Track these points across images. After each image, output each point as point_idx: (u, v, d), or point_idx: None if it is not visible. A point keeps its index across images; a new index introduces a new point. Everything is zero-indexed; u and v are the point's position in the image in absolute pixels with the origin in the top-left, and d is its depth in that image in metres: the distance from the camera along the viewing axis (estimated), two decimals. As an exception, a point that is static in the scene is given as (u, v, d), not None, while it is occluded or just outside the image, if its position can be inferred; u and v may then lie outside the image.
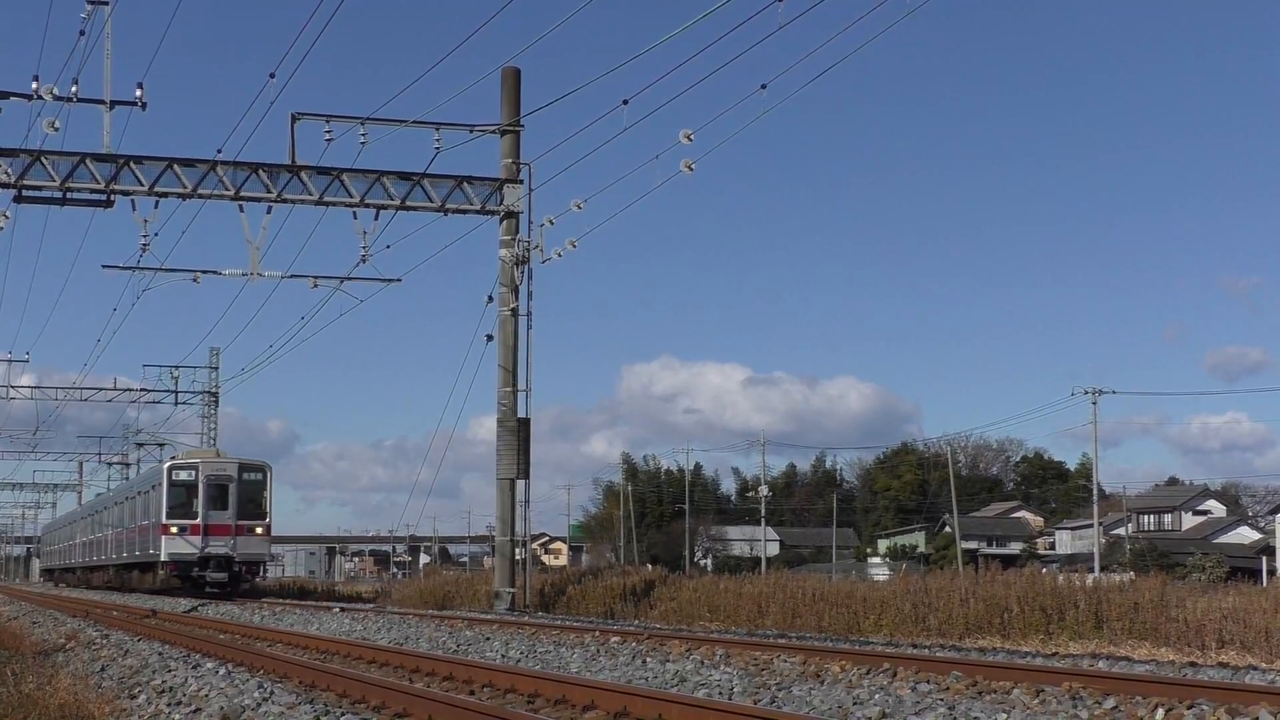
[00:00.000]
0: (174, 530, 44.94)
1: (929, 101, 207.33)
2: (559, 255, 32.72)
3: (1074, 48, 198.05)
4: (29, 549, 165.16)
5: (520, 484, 34.00)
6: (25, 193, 29.89)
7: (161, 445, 75.26)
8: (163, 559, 45.30)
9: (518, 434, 33.53)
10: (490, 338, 33.90)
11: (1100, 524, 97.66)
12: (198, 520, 44.97)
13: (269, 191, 30.98)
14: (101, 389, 69.89)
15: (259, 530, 45.78)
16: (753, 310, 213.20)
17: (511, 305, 33.70)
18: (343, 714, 11.93)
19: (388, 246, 60.84)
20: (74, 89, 29.21)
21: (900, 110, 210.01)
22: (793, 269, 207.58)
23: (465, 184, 32.89)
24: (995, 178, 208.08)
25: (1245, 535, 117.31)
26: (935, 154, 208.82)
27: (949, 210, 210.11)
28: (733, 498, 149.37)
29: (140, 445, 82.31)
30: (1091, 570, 72.83)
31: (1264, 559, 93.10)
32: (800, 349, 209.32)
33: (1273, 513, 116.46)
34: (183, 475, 45.59)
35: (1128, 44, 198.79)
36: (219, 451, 50.68)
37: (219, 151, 30.69)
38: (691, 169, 27.02)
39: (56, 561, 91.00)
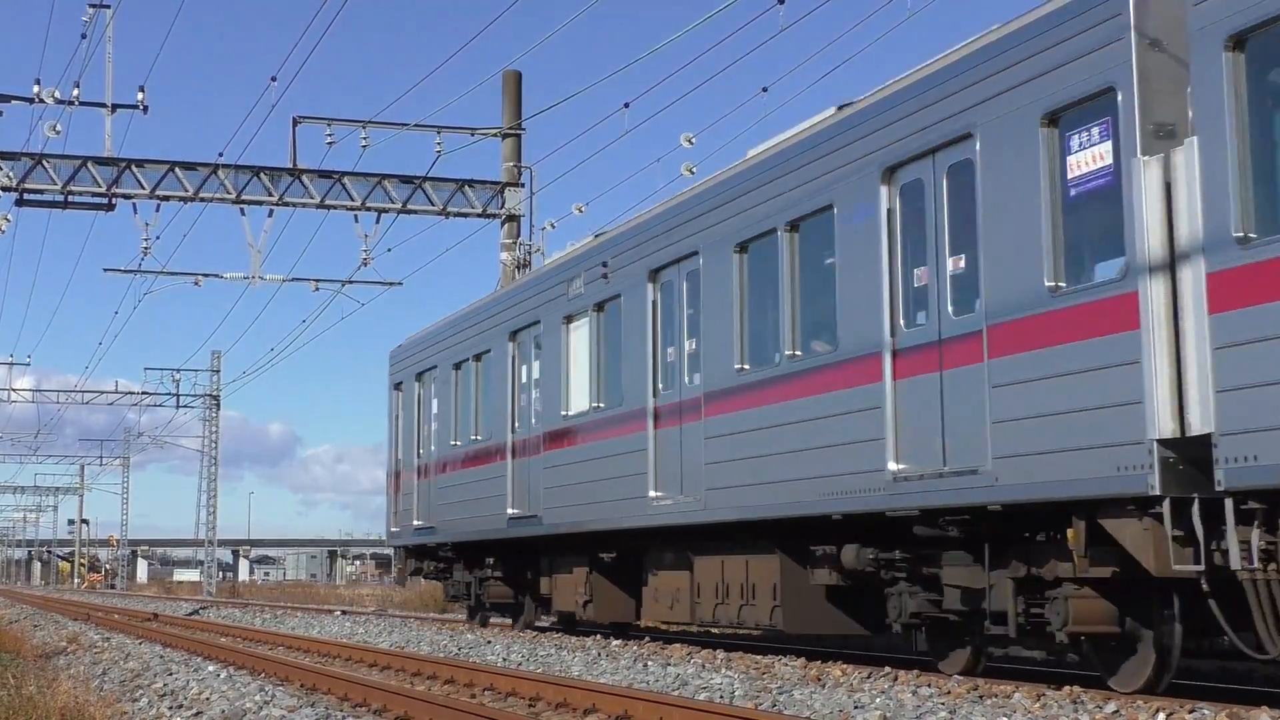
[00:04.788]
0: None
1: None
2: (561, 259, 32.70)
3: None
4: (30, 552, 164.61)
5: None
6: (27, 196, 29.89)
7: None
8: None
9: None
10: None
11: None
12: None
13: (270, 195, 31.01)
14: (102, 392, 69.98)
15: None
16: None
17: (513, 308, 33.57)
18: (344, 717, 11.94)
19: (389, 250, 60.21)
20: (75, 92, 29.23)
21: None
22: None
23: (467, 187, 32.92)
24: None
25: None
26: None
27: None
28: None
29: None
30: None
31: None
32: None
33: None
34: None
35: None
36: None
37: (220, 155, 30.77)
38: (692, 172, 27.03)
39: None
